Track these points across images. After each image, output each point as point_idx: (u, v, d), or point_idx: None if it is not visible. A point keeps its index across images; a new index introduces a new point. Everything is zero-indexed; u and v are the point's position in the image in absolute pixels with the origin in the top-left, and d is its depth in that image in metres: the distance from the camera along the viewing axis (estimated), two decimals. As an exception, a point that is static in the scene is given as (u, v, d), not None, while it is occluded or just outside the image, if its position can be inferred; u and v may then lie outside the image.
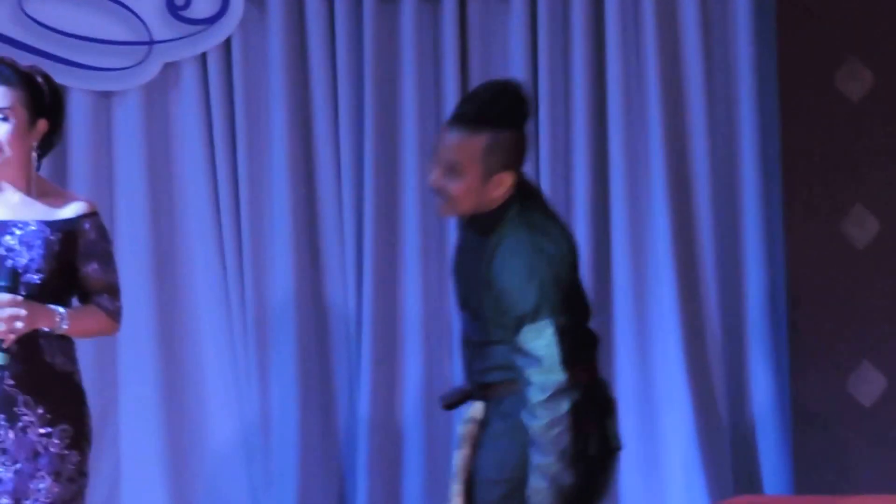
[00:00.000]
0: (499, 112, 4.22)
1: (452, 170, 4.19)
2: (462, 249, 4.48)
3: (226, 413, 6.22)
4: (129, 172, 6.12)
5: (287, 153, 6.11)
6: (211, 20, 6.07)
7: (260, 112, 6.16)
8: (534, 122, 5.24)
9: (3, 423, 4.38)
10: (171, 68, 5.91)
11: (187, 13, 6.06)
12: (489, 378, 4.30)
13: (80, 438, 4.52)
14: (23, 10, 6.00)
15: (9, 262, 4.42)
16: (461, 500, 4.43)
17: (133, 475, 6.21)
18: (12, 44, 6.02)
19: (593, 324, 4.34)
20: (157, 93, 6.11)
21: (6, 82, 4.47)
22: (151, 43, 6.04)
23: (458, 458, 4.44)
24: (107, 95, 6.15)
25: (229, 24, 6.08)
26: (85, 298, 4.59)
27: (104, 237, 4.63)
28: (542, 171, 6.16)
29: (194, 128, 6.01)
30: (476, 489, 4.38)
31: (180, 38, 5.96)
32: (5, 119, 4.45)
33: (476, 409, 4.36)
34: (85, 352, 4.79)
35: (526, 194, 4.27)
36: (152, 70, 6.08)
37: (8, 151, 4.45)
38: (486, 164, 4.16)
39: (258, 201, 6.18)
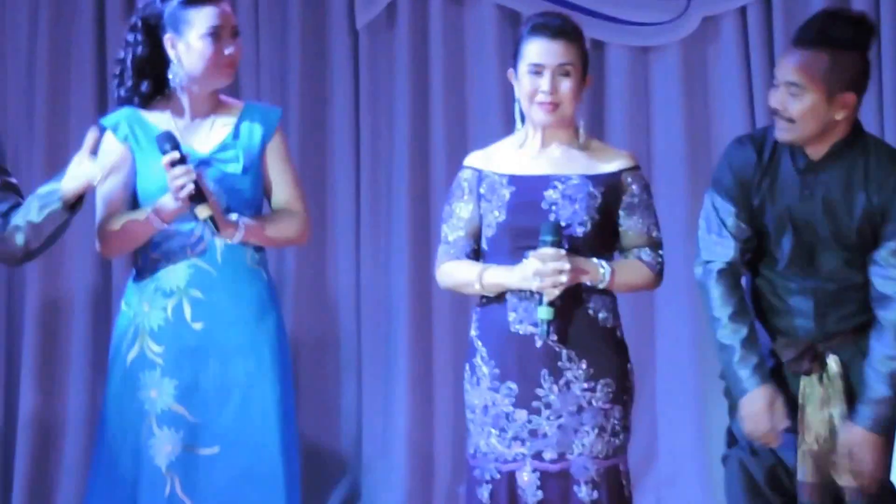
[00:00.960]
0: (840, 32, 4.35)
1: (794, 91, 4.33)
2: (808, 195, 4.52)
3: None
4: (666, 128, 6.30)
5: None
6: None
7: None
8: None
9: (546, 377, 4.47)
10: (709, 22, 6.01)
11: None
12: (850, 323, 4.41)
13: (622, 393, 4.56)
14: None
15: (552, 216, 4.48)
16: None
17: (667, 434, 6.36)
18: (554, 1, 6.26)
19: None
20: (696, 47, 6.25)
21: (567, 38, 4.53)
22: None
23: (826, 415, 4.48)
24: (644, 50, 6.42)
25: None
26: (625, 252, 4.59)
27: (646, 191, 4.65)
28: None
29: (734, 84, 6.10)
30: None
31: (720, -8, 6.01)
32: (566, 75, 4.51)
33: (832, 364, 4.45)
34: (622, 307, 4.84)
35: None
36: (691, 24, 6.23)
37: (568, 109, 4.52)
38: (829, 83, 4.30)
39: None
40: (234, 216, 4.74)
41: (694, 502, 6.38)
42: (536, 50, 4.54)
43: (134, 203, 4.80)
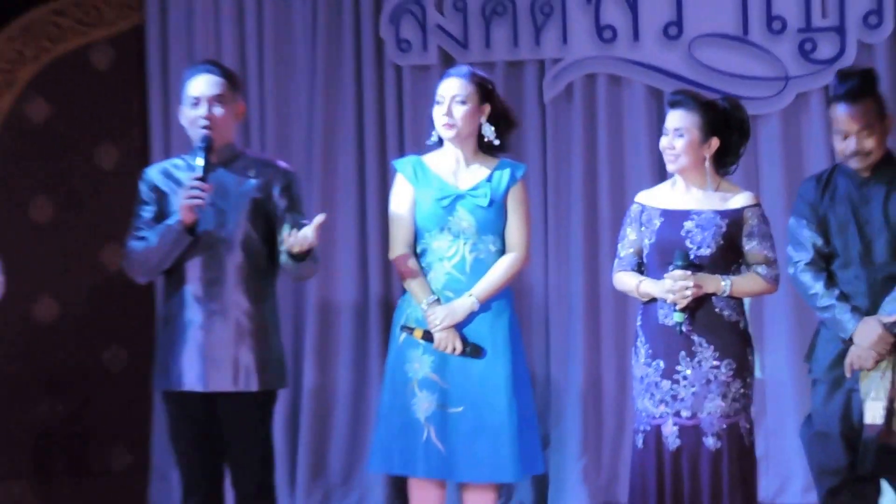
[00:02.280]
0: (867, 84, 5.39)
1: (865, 133, 5.32)
2: (867, 201, 5.40)
3: None
4: (770, 176, 7.16)
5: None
6: (832, 60, 7.05)
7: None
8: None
9: (684, 357, 5.36)
10: (801, 98, 6.98)
11: (814, 55, 7.13)
12: None
13: (742, 370, 5.39)
14: (691, 54, 7.29)
15: (687, 242, 5.34)
16: None
17: (773, 395, 7.23)
18: (681, 79, 7.24)
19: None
20: (792, 117, 7.15)
21: (684, 107, 5.46)
22: (787, 78, 7.14)
23: None
24: (753, 118, 6.64)
25: (846, 63, 7.00)
26: (749, 267, 5.42)
27: (764, 222, 5.42)
28: None
29: (820, 144, 6.91)
30: None
31: (810, 74, 6.98)
32: (682, 136, 5.41)
33: None
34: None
35: None
36: (787, 99, 7.16)
37: (684, 160, 5.43)
38: (881, 121, 5.36)
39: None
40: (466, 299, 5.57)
41: (795, 448, 6.88)
42: (671, 118, 5.47)
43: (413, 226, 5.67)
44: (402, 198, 5.69)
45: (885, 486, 5.57)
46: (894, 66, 7.09)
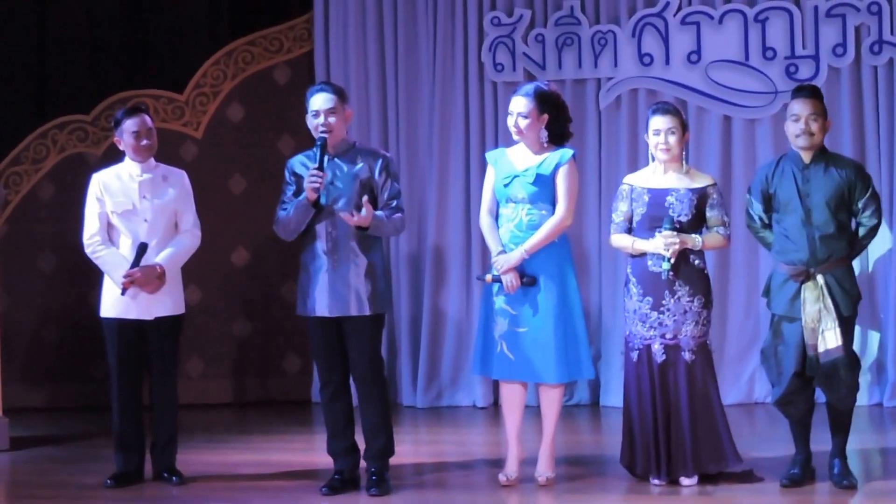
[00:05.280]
0: (817, 91, 6.09)
1: (814, 118, 5.93)
2: (808, 180, 5.95)
3: None
4: (764, 162, 7.32)
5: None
6: (809, 79, 8.14)
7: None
8: None
9: (667, 295, 6.08)
10: (786, 107, 6.67)
11: (796, 75, 8.33)
12: (830, 255, 5.86)
13: (707, 303, 6.16)
14: (707, 75, 8.51)
15: (670, 212, 6.01)
16: None
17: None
18: (700, 93, 8.48)
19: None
20: (779, 121, 7.92)
21: (671, 114, 6.04)
22: (776, 92, 8.36)
23: None
24: (751, 122, 8.59)
25: (820, 81, 8.12)
26: (710, 229, 6.08)
27: (721, 196, 6.09)
28: None
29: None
30: None
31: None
32: (674, 133, 6.01)
33: (818, 278, 5.89)
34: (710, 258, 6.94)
35: None
36: (776, 108, 8.37)
37: (676, 150, 6.04)
38: (823, 117, 6.00)
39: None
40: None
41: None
42: (656, 121, 6.10)
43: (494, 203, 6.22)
44: (489, 178, 6.43)
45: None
46: (855, 84, 8.38)
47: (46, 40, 9.58)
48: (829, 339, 5.91)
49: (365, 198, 6.10)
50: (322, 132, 6.13)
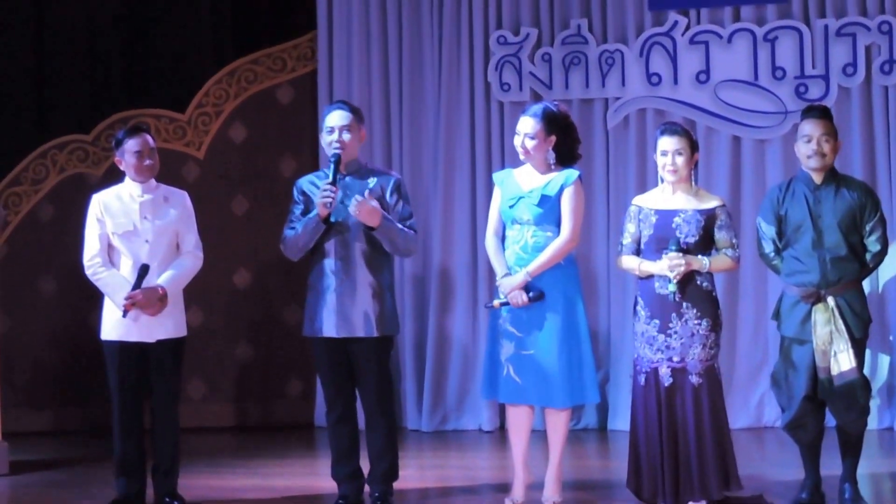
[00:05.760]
0: (827, 112, 6.09)
1: (827, 139, 5.96)
2: (819, 202, 5.96)
3: None
4: (775, 181, 7.55)
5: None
6: (819, 99, 8.19)
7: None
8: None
9: (674, 317, 6.01)
10: (796, 127, 6.61)
11: (806, 95, 8.39)
12: (841, 278, 5.87)
13: (715, 326, 6.10)
14: (716, 95, 8.55)
15: (677, 233, 5.95)
16: None
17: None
18: (709, 114, 8.51)
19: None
20: (789, 141, 7.83)
21: (679, 134, 6.00)
22: (786, 112, 8.41)
23: None
24: (761, 142, 8.61)
25: (830, 101, 8.11)
26: (719, 251, 5.99)
27: (729, 217, 6.04)
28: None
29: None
30: None
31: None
32: (680, 154, 5.98)
33: (829, 300, 5.90)
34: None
35: None
36: (786, 128, 8.39)
37: (683, 172, 6.05)
38: (834, 138, 5.99)
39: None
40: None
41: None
42: (664, 142, 6.04)
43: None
44: (495, 199, 6.40)
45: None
46: (865, 104, 8.41)
47: (46, 59, 9.67)
48: (843, 361, 5.90)
49: (360, 198, 6.15)
50: (336, 148, 6.17)
